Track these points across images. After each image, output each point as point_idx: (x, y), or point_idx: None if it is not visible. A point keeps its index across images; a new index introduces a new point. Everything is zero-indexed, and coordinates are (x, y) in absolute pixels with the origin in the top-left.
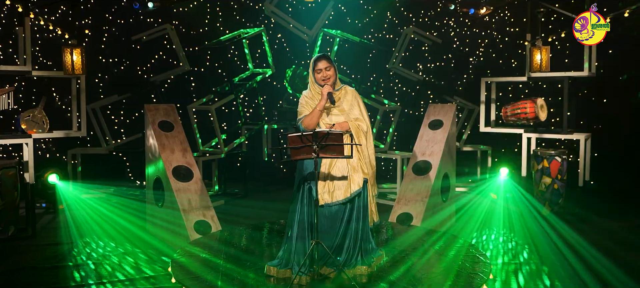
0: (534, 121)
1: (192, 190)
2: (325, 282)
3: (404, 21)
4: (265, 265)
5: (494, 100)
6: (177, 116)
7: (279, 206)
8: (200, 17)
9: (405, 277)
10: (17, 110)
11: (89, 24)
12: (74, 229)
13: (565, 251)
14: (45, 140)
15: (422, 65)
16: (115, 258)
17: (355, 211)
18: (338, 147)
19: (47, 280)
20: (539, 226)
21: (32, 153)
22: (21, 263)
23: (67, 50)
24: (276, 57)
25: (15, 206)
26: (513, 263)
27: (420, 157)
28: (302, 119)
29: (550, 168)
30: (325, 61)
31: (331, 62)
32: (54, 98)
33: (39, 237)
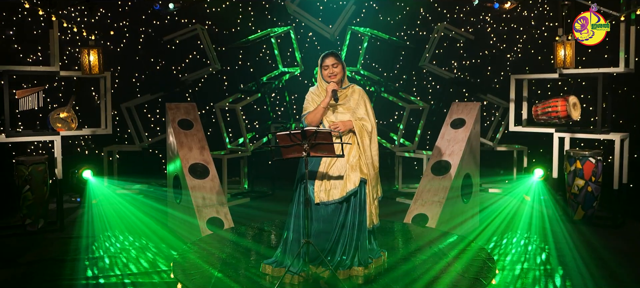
0: (566, 120)
1: (207, 187)
2: (320, 282)
3: (437, 17)
4: (260, 264)
5: (525, 99)
6: (197, 115)
7: None
8: (233, 16)
9: (401, 279)
10: (47, 108)
11: (126, 25)
12: (100, 223)
13: (591, 259)
14: (83, 137)
15: (456, 63)
16: (133, 252)
17: (351, 211)
18: (328, 146)
19: (61, 272)
20: (567, 231)
21: (60, 150)
22: (43, 255)
23: (85, 50)
24: (307, 56)
25: (44, 200)
26: (531, 269)
27: (440, 157)
28: (305, 115)
29: (584, 170)
30: (333, 58)
31: (339, 59)
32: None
33: (66, 230)
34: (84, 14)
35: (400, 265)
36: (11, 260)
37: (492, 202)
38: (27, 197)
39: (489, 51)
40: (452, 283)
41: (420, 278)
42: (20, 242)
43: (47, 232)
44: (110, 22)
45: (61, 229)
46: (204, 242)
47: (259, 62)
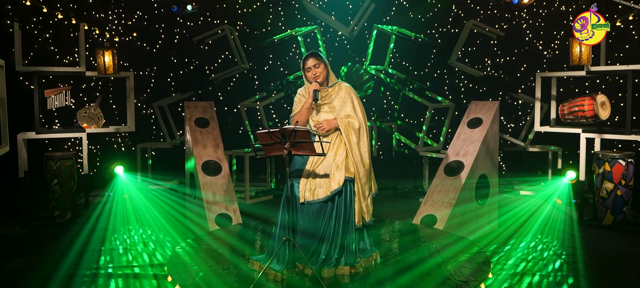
0: (594, 120)
1: (218, 184)
2: (305, 280)
3: (469, 14)
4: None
5: (554, 97)
6: (213, 113)
7: None
8: (264, 17)
9: (388, 279)
10: (74, 106)
11: (162, 27)
12: (125, 217)
13: (610, 268)
14: (120, 135)
15: (490, 60)
16: (140, 246)
17: (336, 210)
18: (308, 144)
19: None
20: (591, 237)
21: (86, 146)
22: (64, 245)
23: (100, 52)
24: (338, 55)
25: (72, 194)
26: (530, 273)
27: (453, 157)
28: (292, 117)
29: (613, 172)
30: (313, 59)
31: (320, 59)
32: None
33: (91, 223)
34: (121, 17)
35: (391, 265)
36: (34, 248)
37: (520, 204)
38: (56, 190)
39: (525, 48)
40: (436, 284)
41: (405, 279)
42: (46, 233)
43: (73, 223)
44: (147, 24)
45: (86, 221)
46: (207, 237)
47: (289, 61)
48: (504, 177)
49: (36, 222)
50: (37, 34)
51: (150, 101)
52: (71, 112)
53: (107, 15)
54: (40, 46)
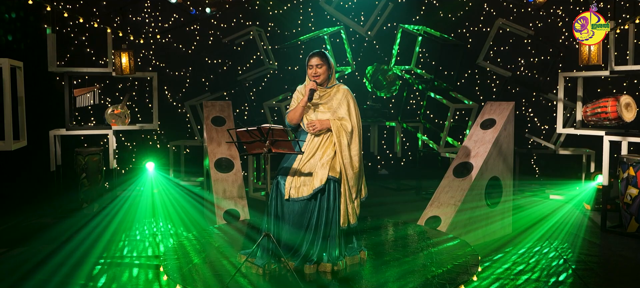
0: (617, 122)
1: (230, 180)
2: (286, 275)
3: (502, 12)
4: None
5: (580, 98)
6: (230, 112)
7: None
8: (294, 18)
9: (369, 277)
10: (104, 105)
11: (197, 29)
12: (149, 210)
13: (620, 278)
14: (156, 132)
15: (523, 60)
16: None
17: (318, 208)
18: (286, 143)
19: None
20: (611, 245)
21: (113, 142)
22: (85, 234)
23: (117, 53)
24: (367, 55)
25: (99, 187)
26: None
27: (464, 158)
28: (288, 113)
29: (637, 177)
30: (318, 58)
31: (325, 60)
32: (165, 95)
33: (114, 215)
34: (157, 19)
35: (377, 263)
36: (55, 238)
37: (541, 208)
38: (84, 183)
39: (561, 47)
40: (416, 284)
41: (386, 276)
42: (72, 223)
43: (99, 215)
44: (183, 26)
45: (109, 214)
46: (211, 231)
47: None
48: (537, 181)
49: (66, 213)
50: (73, 37)
51: (185, 100)
52: (102, 109)
53: (143, 19)
54: (77, 48)
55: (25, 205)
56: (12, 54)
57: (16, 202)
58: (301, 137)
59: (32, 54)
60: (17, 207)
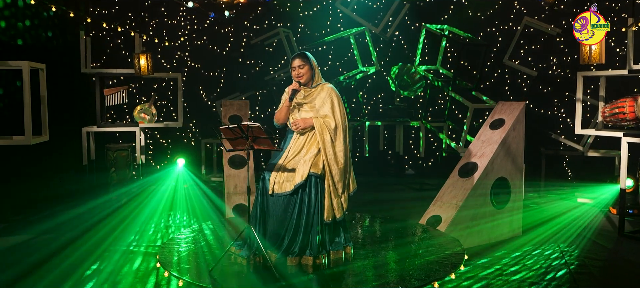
0: (636, 123)
1: (241, 177)
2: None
3: (532, 11)
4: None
5: (602, 98)
6: (247, 111)
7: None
8: (323, 19)
9: (348, 270)
10: (133, 103)
11: (231, 30)
12: (174, 203)
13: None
14: (190, 130)
15: (556, 59)
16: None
17: (299, 203)
18: (265, 140)
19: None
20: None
21: (140, 138)
22: (107, 223)
23: (136, 55)
24: (394, 55)
25: (127, 181)
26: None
27: (469, 158)
28: (275, 113)
29: None
30: (299, 60)
31: (306, 60)
32: (200, 95)
33: (138, 208)
34: (193, 22)
35: (361, 258)
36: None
37: (562, 211)
38: (113, 177)
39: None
40: (392, 278)
41: (366, 270)
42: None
43: (125, 207)
44: (218, 29)
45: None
46: (215, 222)
47: (347, 62)
48: (569, 183)
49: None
50: (109, 40)
51: (218, 99)
52: (124, 108)
53: (179, 22)
54: (112, 51)
55: (61, 196)
56: (50, 56)
57: (52, 193)
58: (288, 136)
59: (71, 55)
60: (54, 199)
